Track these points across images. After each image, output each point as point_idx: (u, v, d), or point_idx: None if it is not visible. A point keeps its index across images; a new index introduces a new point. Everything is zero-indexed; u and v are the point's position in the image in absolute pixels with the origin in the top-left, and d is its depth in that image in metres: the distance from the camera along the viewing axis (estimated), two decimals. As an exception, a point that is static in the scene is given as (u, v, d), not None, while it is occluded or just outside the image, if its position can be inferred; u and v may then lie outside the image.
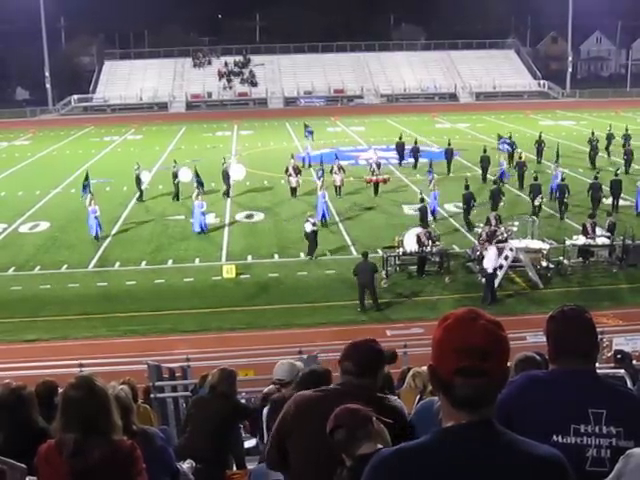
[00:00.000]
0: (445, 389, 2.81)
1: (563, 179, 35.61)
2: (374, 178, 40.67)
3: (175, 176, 40.33)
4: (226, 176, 41.01)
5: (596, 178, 36.01)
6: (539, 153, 47.76)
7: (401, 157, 48.94)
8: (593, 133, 49.60)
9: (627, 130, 50.68)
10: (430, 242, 27.45)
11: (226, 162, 41.84)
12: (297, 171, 40.81)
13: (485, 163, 42.71)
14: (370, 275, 24.56)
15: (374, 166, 41.58)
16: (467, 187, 33.50)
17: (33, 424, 5.68)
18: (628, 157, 43.33)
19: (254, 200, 40.19)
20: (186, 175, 40.07)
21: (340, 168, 40.67)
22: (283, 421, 4.57)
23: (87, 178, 36.11)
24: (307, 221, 29.69)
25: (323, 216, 34.47)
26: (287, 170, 40.83)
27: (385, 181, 40.90)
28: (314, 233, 29.63)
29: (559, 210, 34.54)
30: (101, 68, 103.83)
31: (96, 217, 33.04)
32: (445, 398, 2.84)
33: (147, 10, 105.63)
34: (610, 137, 50.65)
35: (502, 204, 33.62)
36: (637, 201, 34.78)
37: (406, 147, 48.92)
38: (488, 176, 42.28)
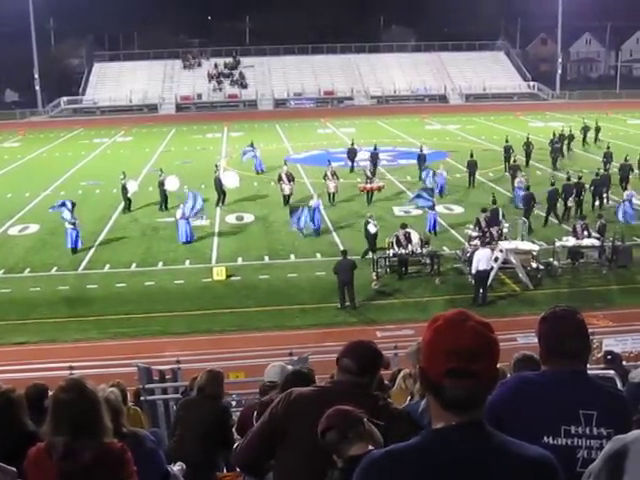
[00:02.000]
0: (435, 391, 2.82)
1: (580, 177, 35.66)
2: (368, 186, 39.29)
3: (161, 184, 38.80)
4: (219, 184, 39.44)
5: (597, 175, 36.70)
6: (528, 155, 47.72)
7: (352, 162, 47.21)
8: (554, 134, 50.35)
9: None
10: (407, 243, 27.48)
11: (218, 170, 40.91)
12: (290, 178, 39.25)
13: (472, 168, 42.46)
14: (350, 273, 24.66)
15: (368, 173, 40.16)
16: (494, 201, 32.09)
17: (22, 427, 5.64)
18: (607, 159, 43.02)
19: (244, 202, 40.02)
20: (173, 184, 38.93)
21: (333, 174, 39.37)
22: (274, 418, 4.48)
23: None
24: (369, 222, 29.37)
25: (317, 227, 33.55)
26: (280, 177, 39.31)
27: (380, 189, 39.63)
28: (375, 235, 29.26)
29: (576, 209, 34.65)
30: (90, 70, 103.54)
31: (74, 227, 31.82)
32: (435, 400, 2.85)
33: (136, 11, 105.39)
34: (571, 137, 52.19)
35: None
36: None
37: (359, 152, 47.66)
38: (480, 178, 42.44)
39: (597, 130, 56.09)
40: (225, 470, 9.18)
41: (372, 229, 29.06)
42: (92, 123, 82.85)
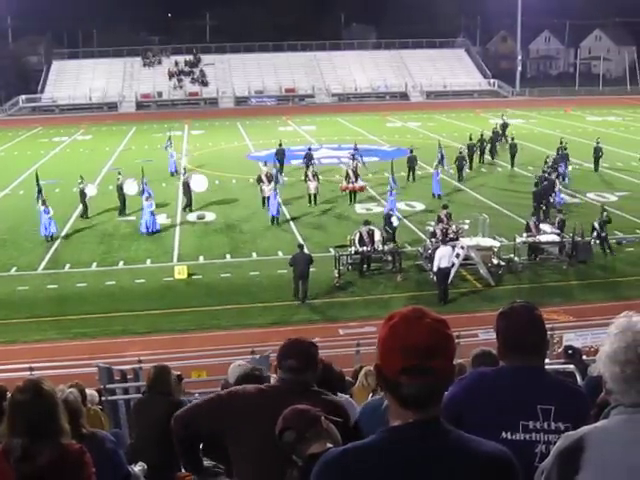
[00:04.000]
0: (392, 388, 2.81)
1: (549, 174, 36.43)
2: (350, 186, 38.75)
3: (120, 189, 37.46)
4: (187, 188, 38.42)
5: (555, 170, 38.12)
6: (482, 152, 48.18)
7: (281, 164, 45.45)
8: (494, 132, 52.27)
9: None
10: (371, 241, 27.51)
11: (187, 173, 40.21)
12: (270, 179, 37.93)
13: (412, 162, 42.99)
14: (306, 267, 24.83)
15: (350, 173, 39.08)
16: (536, 184, 34.66)
17: (-21, 430, 5.58)
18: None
19: (205, 200, 39.74)
20: (132, 188, 37.55)
21: (315, 175, 38.66)
22: (216, 403, 4.58)
23: (38, 180, 35.23)
24: (391, 215, 29.68)
25: (274, 215, 34.31)
26: (259, 179, 38.10)
27: (362, 189, 39.27)
28: (396, 229, 29.86)
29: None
30: (49, 68, 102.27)
31: (50, 218, 32.72)
32: (392, 397, 2.84)
33: (96, 9, 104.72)
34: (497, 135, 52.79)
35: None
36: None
37: (287, 153, 47.32)
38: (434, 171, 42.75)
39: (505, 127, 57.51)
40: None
41: (395, 222, 29.47)
42: (51, 121, 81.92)
